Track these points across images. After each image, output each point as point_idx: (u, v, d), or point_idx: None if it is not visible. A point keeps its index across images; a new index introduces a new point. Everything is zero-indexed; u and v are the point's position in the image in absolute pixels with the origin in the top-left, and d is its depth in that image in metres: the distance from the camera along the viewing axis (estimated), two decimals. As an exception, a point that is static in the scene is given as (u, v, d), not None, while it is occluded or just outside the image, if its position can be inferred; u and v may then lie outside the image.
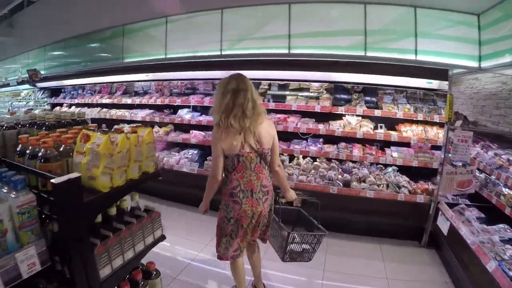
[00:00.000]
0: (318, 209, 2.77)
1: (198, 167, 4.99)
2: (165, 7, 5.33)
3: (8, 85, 10.82)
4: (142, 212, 2.09)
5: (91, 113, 7.51)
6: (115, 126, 7.01)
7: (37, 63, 9.65)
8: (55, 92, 9.42)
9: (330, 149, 4.45)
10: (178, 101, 5.63)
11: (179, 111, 5.90)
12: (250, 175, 2.40)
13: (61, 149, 1.84)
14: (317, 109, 4.46)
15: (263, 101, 4.82)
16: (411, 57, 4.10)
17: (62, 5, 8.26)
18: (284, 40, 4.48)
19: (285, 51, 4.49)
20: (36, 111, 8.52)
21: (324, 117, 4.70)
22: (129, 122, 6.57)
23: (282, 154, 4.87)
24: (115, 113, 6.84)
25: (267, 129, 2.50)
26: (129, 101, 6.60)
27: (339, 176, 4.26)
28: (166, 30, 5.57)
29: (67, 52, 8.39)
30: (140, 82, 7.08)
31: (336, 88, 4.86)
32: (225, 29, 4.86)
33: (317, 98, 4.79)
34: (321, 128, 4.46)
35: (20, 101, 11.15)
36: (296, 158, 4.86)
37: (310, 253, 2.68)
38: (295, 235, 2.61)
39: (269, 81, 5.13)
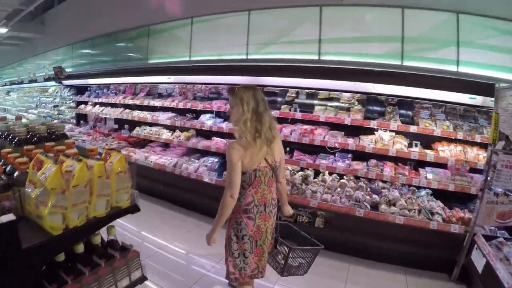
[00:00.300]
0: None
1: (216, 177, 4.86)
2: (190, 7, 5.30)
3: (35, 81, 11.27)
4: (115, 251, 1.84)
5: (114, 113, 7.65)
6: (135, 131, 7.18)
7: (65, 61, 10.00)
8: (80, 90, 9.67)
9: (359, 166, 4.21)
10: (200, 106, 5.55)
11: (201, 116, 5.83)
12: (264, 189, 2.39)
13: (16, 174, 1.58)
14: (347, 121, 4.23)
15: (290, 110, 4.67)
16: (452, 68, 3.81)
17: (90, 3, 8.50)
18: (314, 45, 4.31)
19: (315, 57, 4.32)
20: (62, 107, 8.91)
21: (354, 130, 4.45)
22: (151, 124, 6.67)
23: (307, 169, 4.70)
24: (137, 114, 6.88)
25: (279, 142, 2.54)
26: (151, 103, 6.61)
27: (367, 197, 4.01)
28: (191, 32, 5.54)
29: (94, 51, 8.60)
30: (164, 84, 7.11)
31: (368, 100, 4.60)
32: (252, 32, 4.75)
33: (347, 109, 4.56)
34: (351, 143, 4.22)
35: (47, 97, 11.59)
36: (321, 174, 4.66)
37: (305, 267, 2.69)
38: (296, 251, 2.59)
39: (297, 89, 4.95)
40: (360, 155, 4.35)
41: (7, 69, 17.37)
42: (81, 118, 9.82)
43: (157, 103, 6.46)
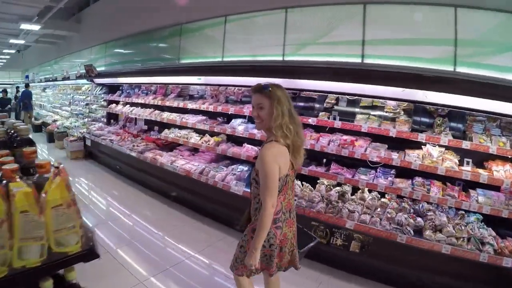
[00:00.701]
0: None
1: (245, 187, 4.69)
2: (224, 5, 5.23)
3: (68, 78, 11.68)
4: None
5: (143, 113, 7.71)
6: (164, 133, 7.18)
7: (98, 59, 10.35)
8: (112, 89, 9.92)
9: (403, 184, 3.89)
10: (231, 110, 5.43)
11: (233, 120, 5.70)
12: (289, 194, 2.40)
13: None
14: (392, 133, 3.92)
15: (329, 118, 4.45)
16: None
17: (124, 2, 8.74)
18: (357, 47, 4.07)
19: (358, 60, 4.08)
20: (94, 106, 9.12)
21: (398, 143, 4.15)
22: (180, 127, 6.67)
23: (345, 184, 4.45)
24: (167, 116, 6.89)
25: (302, 145, 2.50)
26: (180, 104, 6.59)
27: (411, 220, 3.69)
28: (225, 31, 5.48)
29: (126, 50, 8.81)
30: (195, 86, 7.09)
31: (416, 109, 4.28)
32: (289, 31, 4.59)
33: (392, 119, 4.26)
34: (395, 157, 3.91)
35: (80, 95, 12.07)
36: (360, 191, 4.40)
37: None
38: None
39: (337, 95, 4.71)
40: (404, 171, 4.04)
41: (45, 66, 18.27)
42: (112, 118, 10.04)
43: (187, 105, 6.43)
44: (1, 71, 28.09)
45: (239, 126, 5.35)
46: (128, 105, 8.80)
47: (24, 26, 10.41)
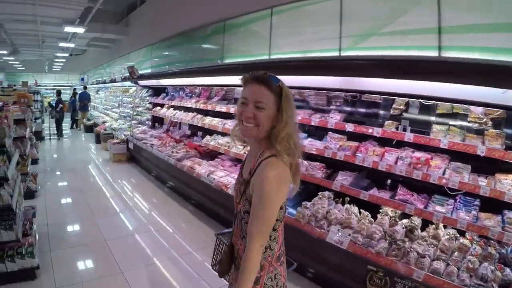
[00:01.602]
0: None
1: (287, 212, 3.91)
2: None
3: (115, 80, 11.84)
4: None
5: (185, 117, 7.42)
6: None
7: (145, 61, 10.38)
8: (157, 91, 9.84)
9: (490, 221, 2.87)
10: (296, 116, 4.71)
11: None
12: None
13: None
14: (481, 151, 2.94)
15: (397, 128, 3.58)
16: None
17: (168, 2, 8.61)
18: (432, 35, 3.13)
19: (433, 52, 3.18)
20: (140, 108, 9.09)
21: (484, 164, 3.17)
22: (223, 134, 6.20)
23: (412, 216, 3.53)
24: (209, 121, 6.45)
25: None
26: (223, 108, 6.07)
27: (498, 273, 2.71)
28: (271, 25, 4.85)
29: (170, 51, 8.62)
30: (241, 88, 6.50)
31: (508, 119, 3.29)
32: (346, 21, 3.81)
33: (478, 132, 3.28)
34: (483, 184, 2.93)
35: (128, 97, 12.24)
36: (433, 226, 3.41)
37: None
38: None
39: (407, 99, 3.85)
40: (488, 201, 3.08)
41: (98, 69, 19.11)
42: (156, 121, 9.97)
43: (230, 109, 5.86)
44: (60, 73, 29.97)
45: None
46: (172, 108, 8.60)
47: (68, 29, 10.73)
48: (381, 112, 4.06)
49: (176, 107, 8.42)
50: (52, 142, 13.10)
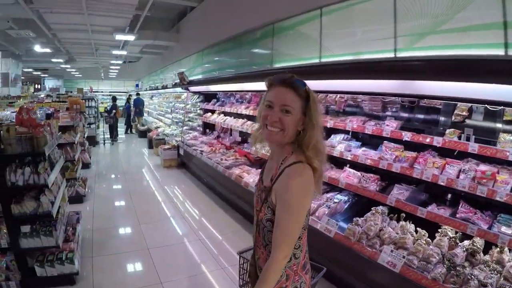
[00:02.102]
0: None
1: (338, 227, 3.66)
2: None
3: (166, 87, 12.21)
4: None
5: (235, 123, 7.45)
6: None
7: (196, 67, 10.60)
8: (208, 97, 10.01)
9: None
10: (330, 123, 4.54)
11: (332, 136, 4.82)
12: None
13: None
14: None
15: (460, 138, 3.26)
16: None
17: (217, 8, 8.74)
18: (496, 33, 2.83)
19: (499, 51, 2.84)
20: (191, 114, 9.33)
21: None
22: None
23: (477, 238, 3.16)
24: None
25: None
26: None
27: None
28: (321, 26, 4.67)
29: (220, 56, 8.69)
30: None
31: None
32: (400, 19, 3.54)
33: None
34: None
35: (180, 103, 12.64)
36: (497, 250, 3.00)
37: None
38: None
39: (470, 104, 3.49)
40: None
41: (152, 76, 19.84)
42: (208, 127, 10.13)
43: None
44: (116, 80, 31.64)
45: (339, 145, 4.44)
46: (222, 114, 8.65)
47: (119, 37, 11.18)
48: (442, 118, 3.72)
49: (226, 113, 8.50)
50: (106, 146, 13.86)
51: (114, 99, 15.73)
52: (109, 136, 14.94)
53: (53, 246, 3.65)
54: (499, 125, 3.24)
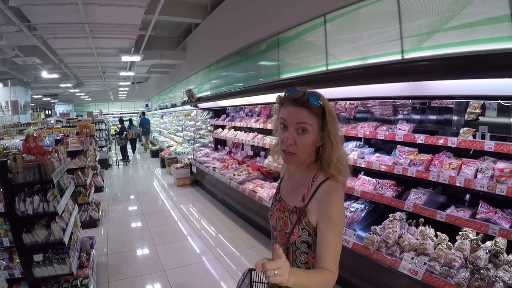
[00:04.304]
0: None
1: (356, 237, 3.64)
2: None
3: (175, 105, 12.35)
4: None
5: (246, 137, 7.46)
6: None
7: (205, 83, 10.77)
8: (217, 113, 10.07)
9: None
10: (342, 130, 4.50)
11: (344, 144, 4.78)
12: None
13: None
14: None
15: (474, 136, 3.22)
16: None
17: (220, 22, 8.91)
18: (506, 24, 2.80)
19: (509, 44, 2.81)
20: (202, 131, 9.40)
21: None
22: None
23: (499, 238, 3.06)
24: (270, 141, 6.37)
25: None
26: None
27: None
28: (325, 33, 4.71)
29: (227, 71, 8.82)
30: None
31: None
32: (405, 19, 3.55)
33: None
34: None
35: (190, 121, 12.79)
36: None
37: None
38: None
39: (482, 101, 3.43)
40: None
41: (162, 95, 20.14)
42: (219, 143, 10.18)
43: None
44: (126, 101, 32.15)
45: (351, 152, 4.42)
46: (233, 129, 8.68)
47: (125, 58, 11.33)
48: (454, 118, 3.68)
49: (237, 128, 8.57)
50: (119, 168, 14.08)
51: (121, 121, 16.08)
52: (121, 157, 15.26)
53: (67, 273, 3.66)
54: (514, 120, 3.19)
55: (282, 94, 1.62)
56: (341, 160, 1.58)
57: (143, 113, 20.04)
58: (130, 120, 17.73)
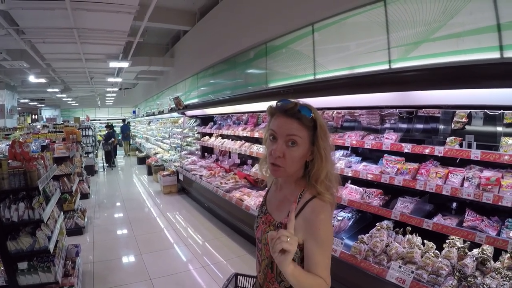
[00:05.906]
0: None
1: (343, 246, 3.62)
2: (308, 10, 4.50)
3: (162, 112, 12.29)
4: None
5: (233, 146, 7.41)
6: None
7: (192, 91, 10.72)
8: (204, 120, 10.04)
9: None
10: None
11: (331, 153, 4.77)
12: None
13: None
14: None
15: (461, 145, 3.23)
16: None
17: (210, 30, 8.82)
18: (491, 34, 2.82)
19: (494, 54, 2.81)
20: (189, 139, 9.34)
21: None
22: None
23: (486, 245, 3.10)
24: (257, 149, 6.33)
25: None
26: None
27: None
28: (313, 42, 4.72)
29: (215, 79, 8.81)
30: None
31: None
32: (393, 29, 3.58)
33: None
34: None
35: (177, 128, 12.69)
36: (508, 255, 2.91)
37: None
38: None
39: (469, 110, 3.44)
40: None
41: (149, 101, 20.06)
42: (206, 151, 10.11)
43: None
44: (113, 107, 31.80)
45: (338, 161, 4.41)
46: (220, 137, 8.64)
47: (113, 64, 11.23)
48: (441, 127, 3.70)
49: (224, 136, 8.51)
50: (105, 174, 13.98)
51: (110, 127, 16.06)
52: (105, 162, 15.32)
53: (52, 282, 3.57)
54: (499, 129, 3.23)
55: (274, 104, 1.58)
56: (330, 176, 1.54)
57: (123, 120, 22.37)
58: (112, 126, 17.67)
